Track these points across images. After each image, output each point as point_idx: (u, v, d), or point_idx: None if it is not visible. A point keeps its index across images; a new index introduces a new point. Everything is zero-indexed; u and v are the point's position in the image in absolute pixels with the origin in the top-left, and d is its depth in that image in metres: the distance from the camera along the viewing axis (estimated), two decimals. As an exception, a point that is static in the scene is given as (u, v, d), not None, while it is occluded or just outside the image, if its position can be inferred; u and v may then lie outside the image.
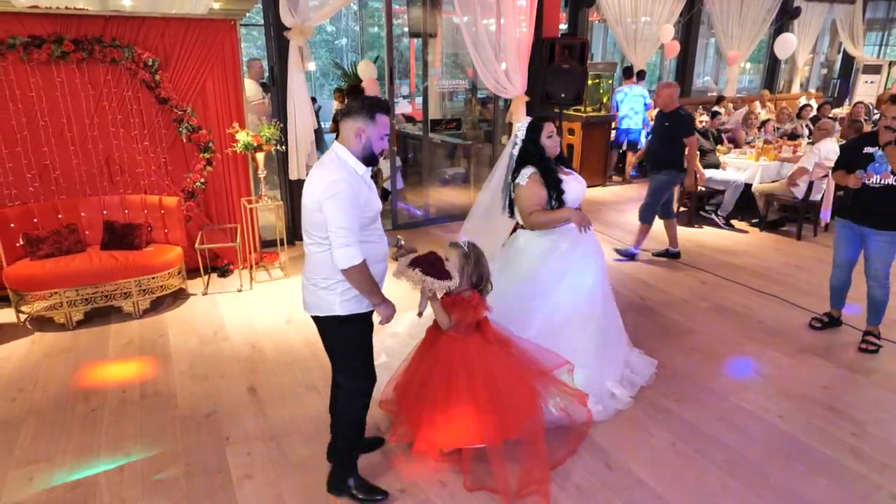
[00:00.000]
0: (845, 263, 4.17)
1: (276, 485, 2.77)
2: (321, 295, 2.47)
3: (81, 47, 4.39)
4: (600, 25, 11.69)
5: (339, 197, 2.29)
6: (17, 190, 4.52)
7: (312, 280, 2.49)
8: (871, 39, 14.58)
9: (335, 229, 2.30)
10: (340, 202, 2.29)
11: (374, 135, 2.41)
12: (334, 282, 2.43)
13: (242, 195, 5.26)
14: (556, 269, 3.32)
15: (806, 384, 3.63)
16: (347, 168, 2.39)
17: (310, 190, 2.38)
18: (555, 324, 3.26)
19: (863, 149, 3.92)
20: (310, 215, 2.40)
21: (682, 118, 5.51)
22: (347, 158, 2.41)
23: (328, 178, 2.32)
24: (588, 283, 3.35)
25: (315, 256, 2.46)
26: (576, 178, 3.42)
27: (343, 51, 14.45)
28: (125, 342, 4.12)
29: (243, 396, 3.48)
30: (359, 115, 2.39)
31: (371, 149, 2.43)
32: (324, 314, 2.50)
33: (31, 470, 2.87)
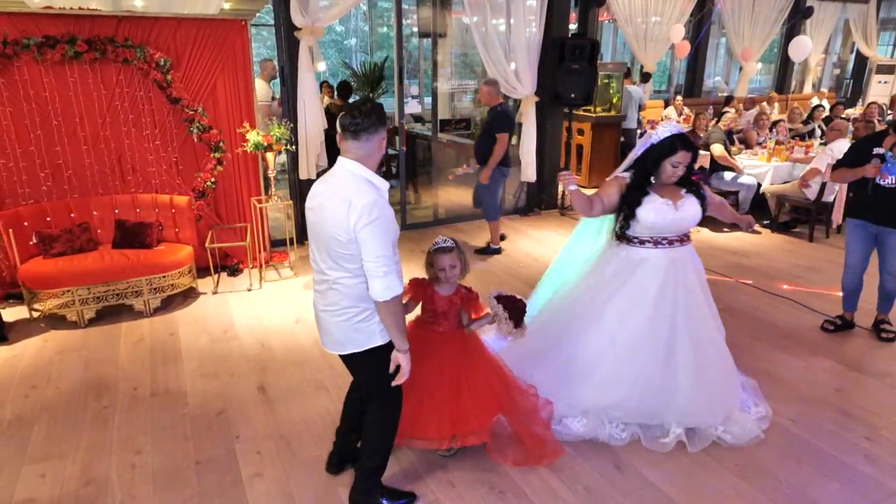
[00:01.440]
0: (858, 264, 4.16)
1: (285, 483, 2.78)
2: (359, 328, 2.27)
3: (94, 47, 4.43)
4: (610, 25, 11.65)
5: (377, 223, 2.08)
6: (30, 189, 4.56)
7: (345, 314, 2.26)
8: (885, 39, 14.44)
9: (375, 258, 2.09)
10: (379, 229, 2.09)
11: (384, 141, 2.25)
12: (371, 311, 2.25)
13: (252, 195, 5.28)
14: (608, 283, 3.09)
15: (818, 387, 3.60)
16: (374, 187, 2.16)
17: (337, 219, 2.11)
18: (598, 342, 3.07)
19: (871, 149, 3.91)
20: (339, 246, 2.15)
21: (497, 114, 5.48)
22: (367, 175, 2.17)
23: (360, 202, 2.07)
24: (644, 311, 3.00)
25: (348, 290, 2.22)
26: (671, 205, 2.93)
27: (352, 51, 14.48)
28: (136, 340, 4.15)
29: (253, 395, 3.50)
30: (380, 126, 2.17)
31: (382, 155, 2.30)
32: (362, 348, 2.31)
33: (43, 466, 2.90)
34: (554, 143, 7.32)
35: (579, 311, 3.17)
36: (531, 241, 6.37)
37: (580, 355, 3.11)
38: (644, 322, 3.00)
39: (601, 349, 3.07)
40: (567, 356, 3.13)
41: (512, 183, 7.30)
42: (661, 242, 3.01)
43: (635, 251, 3.04)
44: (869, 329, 4.29)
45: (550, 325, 3.25)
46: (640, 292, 3.01)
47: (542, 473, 2.84)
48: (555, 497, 2.70)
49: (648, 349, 3.01)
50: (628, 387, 3.02)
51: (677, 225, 2.97)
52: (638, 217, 2.95)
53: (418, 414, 2.73)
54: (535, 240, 6.40)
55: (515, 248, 6.11)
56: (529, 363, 3.15)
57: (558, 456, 2.91)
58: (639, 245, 3.03)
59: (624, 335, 3.03)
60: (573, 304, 3.22)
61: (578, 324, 3.14)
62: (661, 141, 2.88)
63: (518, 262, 5.69)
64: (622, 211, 3.01)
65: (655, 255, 3.01)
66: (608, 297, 3.08)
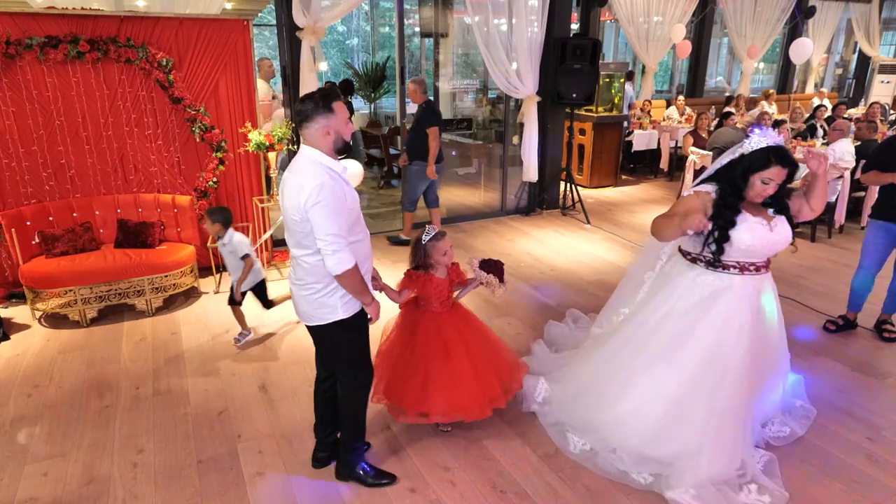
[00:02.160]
0: (873, 265, 4.10)
1: (287, 482, 2.79)
2: (322, 301, 2.45)
3: (97, 47, 4.44)
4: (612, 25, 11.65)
5: (324, 203, 2.23)
6: (32, 188, 4.57)
7: (309, 289, 2.45)
8: (888, 39, 14.41)
9: (324, 236, 2.26)
10: (327, 208, 2.24)
11: (339, 125, 2.34)
12: (334, 286, 2.43)
13: (254, 194, 5.29)
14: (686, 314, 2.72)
15: (821, 387, 3.59)
16: (327, 170, 2.31)
17: (291, 200, 2.29)
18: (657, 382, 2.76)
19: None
20: (296, 226, 2.34)
21: (424, 110, 5.63)
22: (322, 160, 2.33)
23: (309, 184, 2.24)
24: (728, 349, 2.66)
25: (308, 265, 2.41)
26: (765, 225, 2.60)
27: (354, 51, 14.48)
28: (138, 339, 4.16)
29: (254, 394, 3.50)
30: (318, 114, 2.30)
31: (341, 139, 2.38)
32: (325, 321, 2.49)
33: (45, 465, 2.90)
34: (555, 142, 7.32)
35: (650, 344, 2.80)
36: (532, 240, 6.37)
37: (646, 395, 2.76)
38: (727, 362, 2.63)
39: (674, 393, 2.68)
40: (628, 394, 2.80)
41: (514, 183, 7.31)
42: (747, 268, 2.64)
43: (718, 278, 2.67)
44: (871, 329, 4.28)
45: (615, 356, 2.95)
46: (724, 326, 2.64)
47: (542, 472, 2.84)
48: (556, 496, 2.70)
49: (728, 395, 2.62)
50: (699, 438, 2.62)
51: (771, 248, 2.63)
52: (731, 239, 2.55)
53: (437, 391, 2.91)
54: (536, 239, 6.40)
55: (516, 248, 6.11)
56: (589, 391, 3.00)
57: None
58: (722, 270, 2.66)
59: (704, 379, 2.65)
60: (644, 335, 2.85)
61: (649, 359, 2.79)
62: (753, 153, 2.51)
63: (519, 262, 5.70)
64: (711, 232, 2.60)
65: (741, 283, 2.65)
66: (687, 331, 2.70)
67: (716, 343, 2.66)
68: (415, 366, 2.94)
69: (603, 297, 4.84)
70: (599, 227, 6.82)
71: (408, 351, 2.99)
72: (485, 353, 3.07)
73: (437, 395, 2.91)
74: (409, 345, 3.00)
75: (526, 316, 4.54)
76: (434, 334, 2.96)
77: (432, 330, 2.97)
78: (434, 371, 2.92)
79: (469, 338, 3.04)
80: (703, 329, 2.67)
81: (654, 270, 3.05)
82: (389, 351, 3.07)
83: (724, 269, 2.67)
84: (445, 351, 2.94)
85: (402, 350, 3.02)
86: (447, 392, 2.91)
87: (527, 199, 7.38)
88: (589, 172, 8.60)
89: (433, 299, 3.00)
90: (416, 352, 2.97)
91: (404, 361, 2.99)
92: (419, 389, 2.92)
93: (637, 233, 6.59)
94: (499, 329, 4.28)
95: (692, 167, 6.82)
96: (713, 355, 2.66)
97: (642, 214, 7.39)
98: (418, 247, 2.97)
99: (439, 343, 2.95)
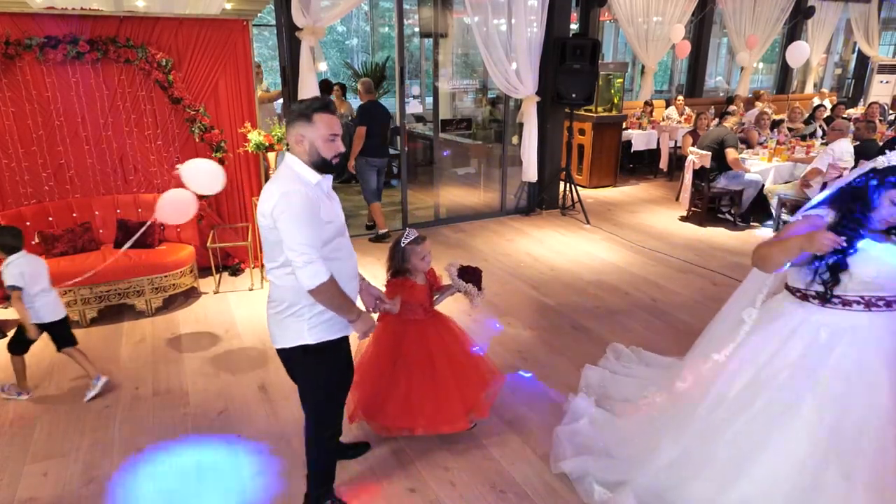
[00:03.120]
0: None
1: (287, 482, 2.79)
2: (287, 324, 2.24)
3: (96, 47, 4.44)
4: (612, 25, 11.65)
5: (292, 211, 2.04)
6: (32, 189, 4.57)
7: (277, 308, 2.25)
8: (887, 39, 14.42)
9: (295, 246, 2.05)
10: (295, 216, 2.04)
11: (316, 138, 2.13)
12: (301, 307, 2.21)
13: (254, 194, 5.29)
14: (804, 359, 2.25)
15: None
16: (300, 179, 2.14)
17: (263, 207, 2.13)
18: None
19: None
20: (268, 234, 2.16)
21: (363, 109, 5.86)
22: (299, 169, 2.16)
23: (279, 191, 2.07)
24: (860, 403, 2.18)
25: (278, 281, 2.22)
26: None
27: (354, 51, 14.49)
28: (138, 340, 4.16)
29: (254, 394, 3.50)
30: (295, 120, 2.14)
31: (318, 154, 2.15)
32: (291, 345, 2.26)
33: (45, 465, 2.90)
34: (555, 143, 7.32)
35: (763, 402, 2.31)
36: (532, 240, 6.37)
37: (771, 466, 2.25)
38: (862, 422, 2.17)
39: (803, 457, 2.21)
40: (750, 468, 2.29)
41: (513, 183, 7.31)
42: (875, 304, 2.21)
43: (839, 316, 2.25)
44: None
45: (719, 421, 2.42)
46: (850, 375, 2.19)
47: (542, 472, 2.84)
48: (555, 496, 2.70)
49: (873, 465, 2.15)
50: None
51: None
52: (851, 269, 2.18)
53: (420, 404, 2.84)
54: (536, 239, 6.40)
55: (516, 248, 6.11)
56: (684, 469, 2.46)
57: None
58: (842, 307, 2.23)
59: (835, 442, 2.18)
60: (754, 391, 2.35)
61: (765, 422, 2.30)
62: (888, 168, 2.17)
63: (519, 262, 5.70)
64: (828, 261, 2.21)
65: (869, 321, 2.22)
66: (805, 382, 2.24)
67: (842, 396, 2.18)
68: (397, 380, 2.85)
69: (603, 297, 4.86)
70: (599, 227, 6.82)
71: (389, 365, 2.88)
72: (466, 360, 3.00)
73: (421, 409, 2.83)
74: (391, 358, 2.88)
75: (526, 316, 4.55)
76: (418, 344, 2.86)
77: (416, 340, 2.87)
78: (418, 383, 2.83)
79: (451, 345, 2.97)
80: (824, 380, 2.21)
81: (756, 306, 2.54)
82: (369, 367, 2.92)
83: (844, 305, 2.23)
84: (430, 361, 2.85)
85: (383, 365, 2.89)
86: (431, 404, 2.83)
87: (526, 199, 7.39)
88: (588, 172, 8.61)
89: (416, 306, 2.89)
90: (398, 364, 2.86)
91: (386, 376, 2.88)
92: (402, 403, 2.83)
93: (636, 233, 6.60)
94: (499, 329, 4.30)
95: (691, 167, 6.84)
96: (840, 413, 2.18)
97: (642, 214, 7.40)
98: (396, 250, 2.85)
99: (423, 353, 2.86)
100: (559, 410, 3.30)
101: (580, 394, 3.32)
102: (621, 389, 3.33)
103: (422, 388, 2.83)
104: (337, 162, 2.20)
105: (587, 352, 3.96)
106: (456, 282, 2.91)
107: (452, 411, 2.86)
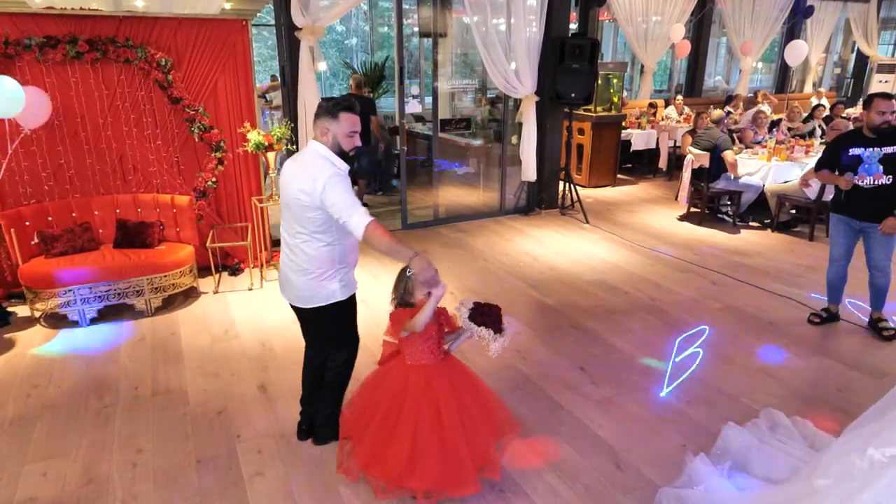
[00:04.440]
0: (842, 257, 4.22)
1: (286, 482, 2.79)
2: (323, 285, 2.66)
3: (95, 47, 4.44)
4: (611, 25, 11.65)
5: (341, 186, 2.46)
6: (32, 189, 4.57)
7: (310, 274, 2.64)
8: (886, 38, 14.43)
9: (346, 209, 2.43)
10: (344, 189, 2.47)
11: (338, 132, 2.55)
12: (334, 271, 2.66)
13: (253, 194, 5.29)
14: None
15: (818, 386, 3.60)
16: (334, 164, 2.55)
17: (299, 187, 2.50)
18: None
19: (849, 149, 3.93)
20: (301, 212, 2.53)
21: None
22: (329, 156, 2.57)
23: (322, 175, 2.46)
24: None
25: (312, 251, 2.61)
26: None
27: (353, 50, 14.48)
28: (137, 339, 4.16)
29: (254, 394, 3.50)
30: (323, 114, 2.57)
31: (339, 146, 2.58)
32: (325, 303, 2.70)
33: (45, 465, 2.91)
34: (554, 142, 7.33)
35: None
36: (531, 240, 6.37)
37: None
38: None
39: None
40: None
41: (512, 182, 7.31)
42: None
43: None
44: (866, 328, 4.29)
45: None
46: None
47: (541, 471, 2.84)
48: (555, 495, 2.70)
49: None
50: None
51: None
52: None
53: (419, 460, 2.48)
54: (535, 239, 6.40)
55: (515, 248, 6.12)
56: None
57: None
58: None
59: None
60: None
61: None
62: None
63: (518, 262, 5.70)
64: None
65: None
66: None
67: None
68: (401, 432, 2.49)
69: (602, 296, 4.86)
70: (598, 226, 6.83)
71: (393, 413, 2.53)
72: (478, 412, 2.62)
73: (426, 469, 2.46)
74: (395, 406, 2.54)
75: (525, 315, 4.55)
76: (424, 394, 2.51)
77: (422, 388, 2.52)
78: (424, 438, 2.47)
79: (462, 394, 2.60)
80: None
81: None
82: (370, 416, 2.60)
83: None
84: (437, 413, 2.50)
85: (385, 412, 2.55)
86: (437, 465, 2.46)
87: (526, 198, 7.39)
88: (588, 172, 8.61)
89: (422, 348, 2.55)
90: (403, 415, 2.51)
91: (389, 425, 2.53)
92: (405, 461, 2.46)
93: (635, 232, 6.60)
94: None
95: (690, 166, 6.84)
96: None
97: (641, 214, 7.40)
98: (401, 280, 2.53)
99: (430, 403, 2.51)
100: (559, 410, 3.30)
101: (709, 455, 2.78)
102: (768, 464, 2.68)
103: (428, 446, 2.46)
104: (353, 154, 2.62)
105: (586, 351, 3.97)
106: (466, 324, 2.48)
107: (462, 472, 2.49)
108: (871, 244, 4.05)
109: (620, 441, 3.07)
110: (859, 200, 3.96)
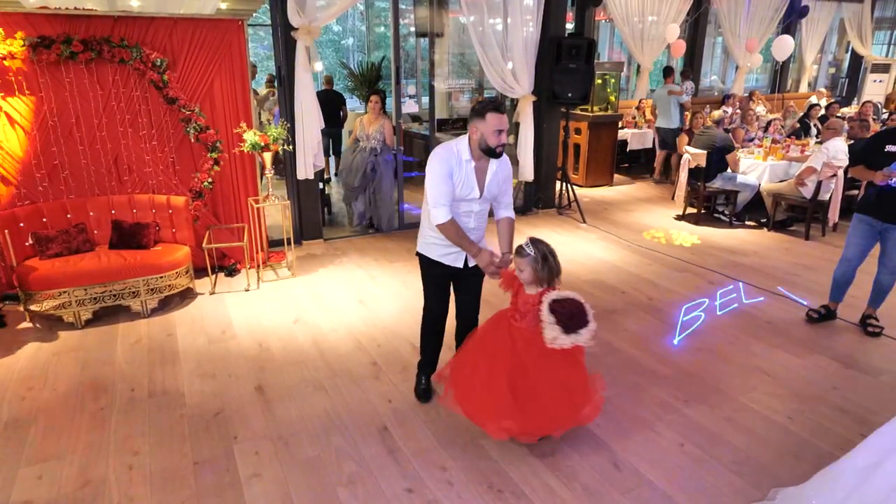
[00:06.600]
0: (855, 258, 4.19)
1: (283, 483, 2.78)
2: (419, 237, 3.23)
3: (90, 47, 4.41)
4: (607, 25, 11.66)
5: (430, 168, 2.90)
6: (26, 189, 4.54)
7: (421, 228, 3.20)
8: (880, 38, 14.48)
9: (428, 196, 2.92)
10: (430, 172, 2.90)
11: (485, 131, 2.84)
12: (423, 230, 3.17)
13: (250, 195, 5.27)
14: None
15: (815, 385, 3.61)
16: (453, 151, 2.91)
17: None
18: None
19: (885, 146, 3.93)
20: None
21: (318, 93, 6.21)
22: (460, 146, 2.93)
23: (432, 156, 2.93)
24: None
25: (424, 213, 3.12)
26: None
27: (349, 50, 14.46)
28: (133, 341, 4.14)
29: (251, 395, 3.49)
30: (474, 116, 2.88)
31: (486, 143, 2.87)
32: (417, 249, 3.25)
33: (40, 468, 2.89)
34: (551, 142, 7.33)
35: None
36: (529, 240, 6.36)
37: None
38: None
39: None
40: None
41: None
42: None
43: None
44: (856, 324, 4.32)
45: None
46: None
47: (540, 471, 2.84)
48: (553, 495, 2.70)
49: None
50: None
51: None
52: None
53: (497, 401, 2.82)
54: (532, 239, 6.39)
55: (513, 248, 6.10)
56: None
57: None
58: None
59: None
60: None
61: None
62: None
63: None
64: None
65: None
66: None
67: None
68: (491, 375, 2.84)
69: (600, 295, 4.87)
70: (596, 226, 6.83)
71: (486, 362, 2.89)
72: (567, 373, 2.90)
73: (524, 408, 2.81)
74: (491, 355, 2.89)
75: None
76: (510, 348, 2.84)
77: (508, 344, 2.85)
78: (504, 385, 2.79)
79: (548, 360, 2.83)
80: None
81: None
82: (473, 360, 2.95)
83: None
84: (523, 368, 2.82)
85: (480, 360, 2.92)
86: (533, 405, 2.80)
87: (523, 198, 7.39)
88: (585, 172, 8.62)
89: (521, 310, 2.87)
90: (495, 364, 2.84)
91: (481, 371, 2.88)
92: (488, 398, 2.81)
93: (633, 231, 6.60)
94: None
95: (687, 166, 6.86)
96: None
97: (638, 213, 7.41)
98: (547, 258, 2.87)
99: (516, 360, 2.82)
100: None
101: None
102: None
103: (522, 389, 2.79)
104: (500, 151, 2.92)
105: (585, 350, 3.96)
106: (543, 312, 2.73)
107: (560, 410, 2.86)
108: (890, 246, 4.02)
109: (619, 441, 3.07)
110: (886, 200, 3.92)
